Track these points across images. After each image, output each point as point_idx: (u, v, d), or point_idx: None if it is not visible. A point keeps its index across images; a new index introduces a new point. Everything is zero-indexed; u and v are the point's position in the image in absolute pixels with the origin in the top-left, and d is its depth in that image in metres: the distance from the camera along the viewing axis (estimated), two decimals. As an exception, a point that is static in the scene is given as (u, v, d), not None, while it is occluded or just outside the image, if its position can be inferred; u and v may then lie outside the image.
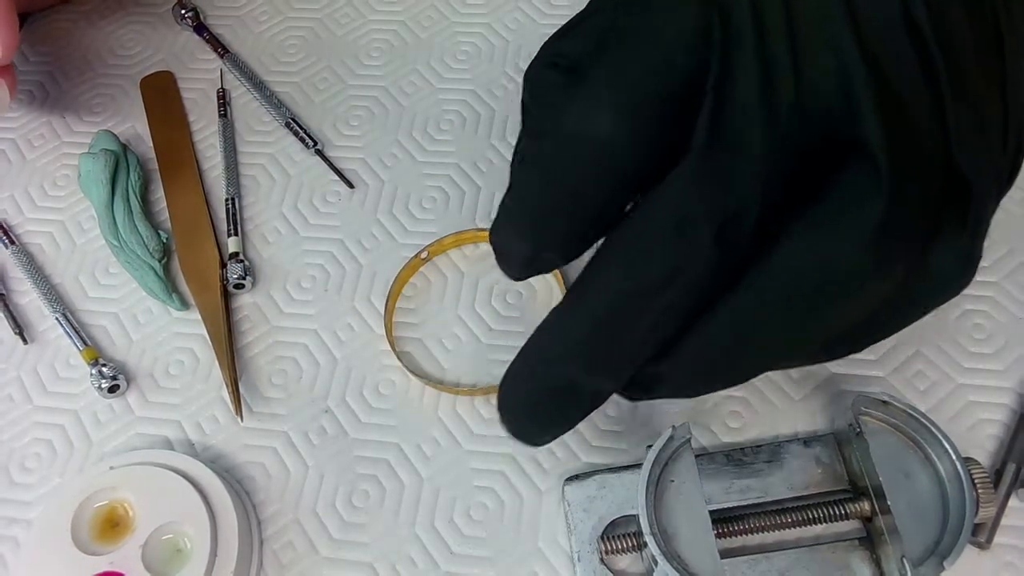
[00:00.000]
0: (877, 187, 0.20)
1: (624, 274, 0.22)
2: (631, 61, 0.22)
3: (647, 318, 0.22)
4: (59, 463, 0.33)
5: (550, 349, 0.24)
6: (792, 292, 0.21)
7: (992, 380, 0.31)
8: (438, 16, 0.43)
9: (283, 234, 0.38)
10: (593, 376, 0.24)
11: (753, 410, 0.31)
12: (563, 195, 0.23)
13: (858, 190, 0.21)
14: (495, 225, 0.25)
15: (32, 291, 0.37)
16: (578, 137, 0.22)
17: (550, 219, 0.23)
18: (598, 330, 0.23)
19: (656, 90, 0.22)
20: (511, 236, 0.25)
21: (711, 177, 0.21)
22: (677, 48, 0.21)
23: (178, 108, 0.42)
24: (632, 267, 0.22)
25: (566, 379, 0.24)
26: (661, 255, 0.21)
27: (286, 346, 0.35)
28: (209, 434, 0.33)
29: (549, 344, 0.24)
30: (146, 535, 0.29)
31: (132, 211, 0.37)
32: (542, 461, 0.31)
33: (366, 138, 0.40)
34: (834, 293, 0.21)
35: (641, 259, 0.22)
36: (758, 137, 0.21)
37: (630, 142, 0.22)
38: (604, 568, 0.29)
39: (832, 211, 0.21)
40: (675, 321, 0.22)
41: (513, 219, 0.25)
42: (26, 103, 0.43)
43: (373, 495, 0.31)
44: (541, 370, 0.24)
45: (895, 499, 0.26)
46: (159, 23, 0.45)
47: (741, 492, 0.29)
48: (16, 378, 0.35)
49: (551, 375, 0.24)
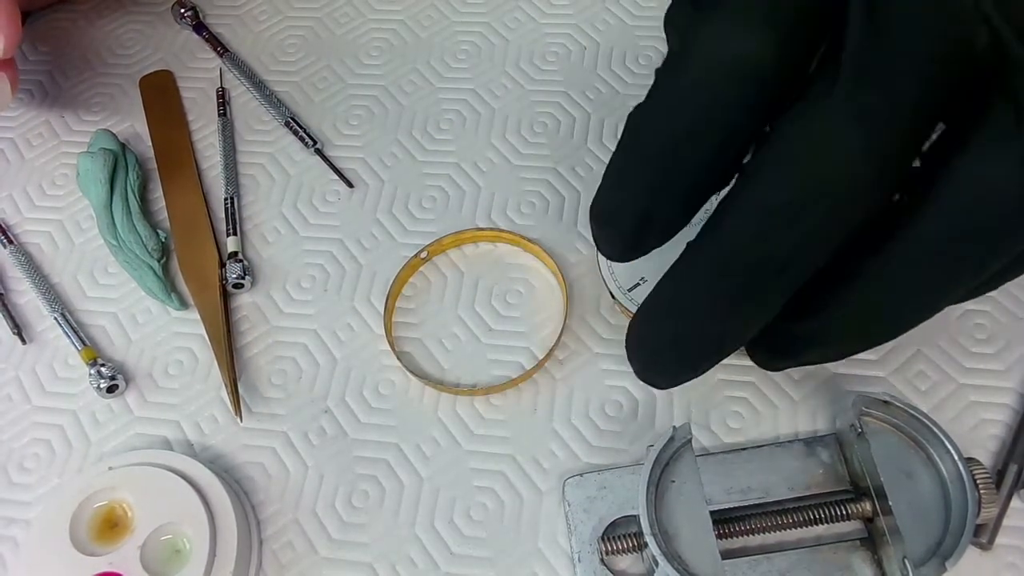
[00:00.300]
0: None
1: (769, 193, 0.21)
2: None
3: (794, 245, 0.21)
4: (58, 463, 0.33)
5: (685, 288, 0.23)
6: (968, 226, 0.20)
7: (994, 380, 0.31)
8: (438, 15, 0.43)
9: (282, 234, 0.38)
10: (730, 318, 0.22)
11: (754, 410, 0.31)
12: (696, 126, 0.21)
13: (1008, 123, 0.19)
14: (602, 190, 0.24)
15: (31, 291, 0.37)
16: (717, 55, 0.20)
17: (678, 158, 0.22)
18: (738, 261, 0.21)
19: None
20: (624, 193, 0.23)
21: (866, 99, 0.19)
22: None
23: (177, 107, 0.42)
24: (777, 187, 0.20)
25: (697, 322, 0.23)
26: (812, 176, 0.20)
27: (285, 346, 0.35)
28: (208, 434, 0.33)
29: (685, 282, 0.23)
30: (145, 535, 0.29)
31: (131, 211, 0.37)
32: (542, 461, 0.31)
33: (366, 138, 0.40)
34: (1010, 222, 0.20)
35: (788, 179, 0.20)
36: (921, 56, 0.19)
37: (778, 59, 0.20)
38: (604, 568, 0.28)
39: (994, 142, 0.19)
40: (824, 256, 0.21)
41: (630, 169, 0.23)
42: (25, 102, 0.43)
43: (373, 495, 0.31)
44: (673, 312, 0.23)
45: (896, 499, 0.26)
46: (158, 22, 0.45)
47: (742, 493, 0.29)
48: (15, 378, 0.35)
49: (682, 319, 0.23)
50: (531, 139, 0.39)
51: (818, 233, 0.21)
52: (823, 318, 0.23)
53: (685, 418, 0.31)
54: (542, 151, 0.38)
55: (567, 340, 0.33)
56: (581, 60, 0.41)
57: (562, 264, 0.35)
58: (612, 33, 0.41)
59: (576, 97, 0.40)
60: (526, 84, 0.40)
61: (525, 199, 0.37)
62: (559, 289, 0.34)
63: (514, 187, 0.37)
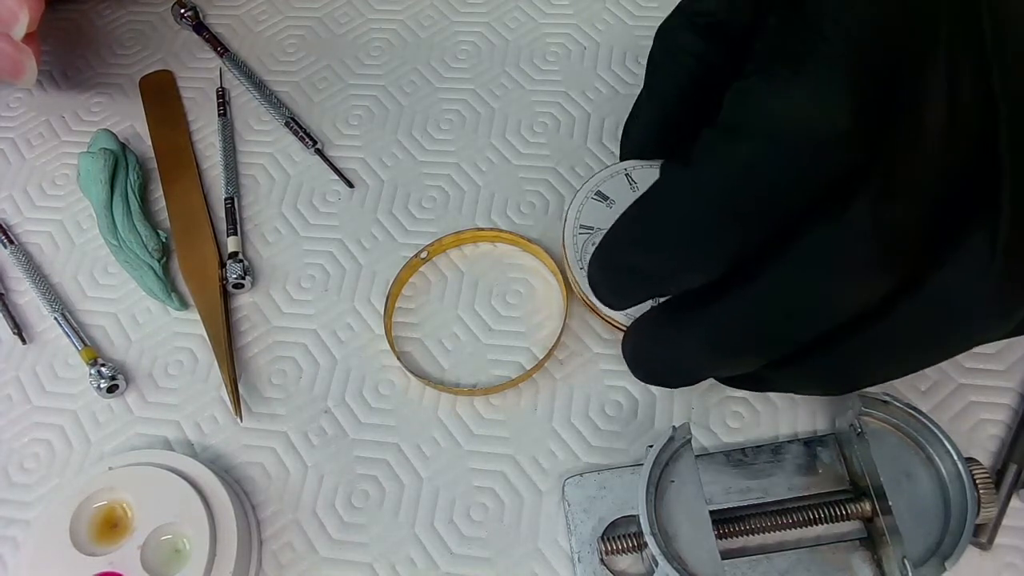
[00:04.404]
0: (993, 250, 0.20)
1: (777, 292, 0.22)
2: (863, 28, 0.19)
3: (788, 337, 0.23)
4: (58, 463, 0.33)
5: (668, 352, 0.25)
6: (932, 332, 0.22)
7: (993, 380, 0.31)
8: (438, 15, 0.43)
9: (283, 234, 0.38)
10: (710, 371, 0.26)
11: (754, 410, 0.31)
12: (749, 200, 0.20)
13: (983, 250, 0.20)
14: (614, 238, 0.24)
15: (31, 291, 0.37)
16: (798, 130, 0.19)
17: (721, 230, 0.21)
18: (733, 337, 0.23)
19: (887, 71, 0.19)
20: (648, 249, 0.23)
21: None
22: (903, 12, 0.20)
23: (177, 107, 0.42)
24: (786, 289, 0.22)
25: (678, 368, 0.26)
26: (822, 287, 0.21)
27: (285, 346, 0.35)
28: (208, 434, 0.33)
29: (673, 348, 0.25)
30: (145, 536, 0.29)
31: (131, 211, 0.37)
32: (542, 461, 0.31)
33: (366, 137, 0.40)
34: (969, 335, 0.22)
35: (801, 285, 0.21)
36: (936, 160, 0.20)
37: (855, 139, 0.19)
38: (604, 569, 0.28)
39: (966, 269, 0.21)
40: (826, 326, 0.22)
41: (662, 230, 0.22)
42: (25, 102, 0.43)
43: (373, 495, 0.31)
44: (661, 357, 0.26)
45: (896, 499, 0.26)
46: (158, 22, 0.45)
47: (742, 493, 0.29)
48: (15, 378, 0.35)
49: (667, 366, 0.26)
50: (531, 139, 0.39)
51: (819, 324, 0.22)
52: (790, 372, 0.24)
53: (685, 418, 0.31)
54: (542, 151, 0.38)
55: (567, 340, 0.33)
56: (581, 60, 0.41)
57: (562, 264, 0.35)
58: (612, 33, 0.41)
59: (576, 97, 0.40)
60: (526, 84, 0.40)
61: (525, 199, 0.37)
62: (559, 289, 0.34)
63: (514, 187, 0.37)
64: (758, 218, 0.21)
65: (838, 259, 0.21)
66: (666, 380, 0.27)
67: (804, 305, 0.21)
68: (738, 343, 0.23)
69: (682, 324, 0.24)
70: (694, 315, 0.23)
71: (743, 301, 0.22)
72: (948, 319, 0.21)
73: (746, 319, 0.22)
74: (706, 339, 0.23)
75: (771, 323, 0.22)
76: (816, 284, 0.21)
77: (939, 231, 0.21)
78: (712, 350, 0.24)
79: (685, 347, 0.24)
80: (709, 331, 0.23)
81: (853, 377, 0.25)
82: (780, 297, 0.22)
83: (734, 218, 0.21)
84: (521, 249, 0.36)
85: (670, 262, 0.22)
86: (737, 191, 0.21)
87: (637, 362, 0.26)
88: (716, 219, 0.21)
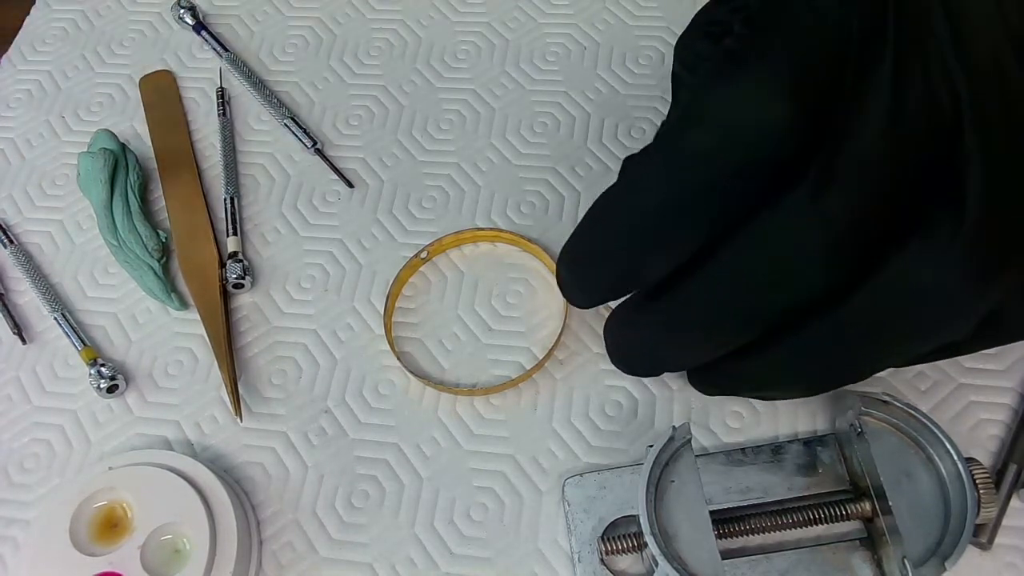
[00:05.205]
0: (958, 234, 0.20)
1: (736, 272, 0.22)
2: (803, 33, 0.21)
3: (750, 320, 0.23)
4: (58, 463, 0.33)
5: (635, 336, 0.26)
6: (893, 318, 0.22)
7: (993, 380, 0.31)
8: (438, 15, 0.43)
9: (283, 234, 0.38)
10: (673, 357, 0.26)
11: (753, 410, 0.31)
12: (700, 188, 0.22)
13: (946, 231, 0.21)
14: (583, 236, 0.25)
15: (31, 291, 0.37)
16: (740, 120, 0.21)
17: (677, 217, 0.22)
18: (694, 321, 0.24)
19: (825, 69, 0.21)
20: (609, 243, 0.24)
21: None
22: (849, 21, 0.20)
23: (177, 107, 0.42)
24: (745, 270, 0.22)
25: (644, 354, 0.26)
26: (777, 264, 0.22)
27: (285, 346, 0.35)
28: (208, 434, 0.33)
29: (634, 331, 0.26)
30: (145, 536, 0.29)
31: (131, 210, 0.37)
32: (542, 461, 0.31)
33: (366, 137, 0.40)
34: (933, 321, 0.22)
35: (757, 264, 0.22)
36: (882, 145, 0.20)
37: (794, 129, 0.21)
38: (604, 569, 0.28)
39: (927, 252, 0.21)
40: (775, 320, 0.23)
41: (622, 222, 0.23)
42: (25, 102, 0.43)
43: (373, 495, 0.31)
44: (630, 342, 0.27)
45: (896, 499, 0.26)
46: (158, 22, 0.45)
47: (742, 493, 0.29)
48: (15, 378, 0.35)
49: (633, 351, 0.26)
50: (531, 139, 0.39)
51: (765, 306, 0.23)
52: (757, 361, 0.25)
53: (685, 418, 0.31)
54: (542, 151, 0.38)
55: (567, 340, 0.33)
56: (581, 60, 0.41)
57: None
58: (612, 33, 0.41)
59: (576, 97, 0.40)
60: (526, 84, 0.40)
61: (525, 199, 0.37)
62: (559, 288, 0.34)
63: (514, 187, 0.37)
64: (707, 204, 0.22)
65: (778, 243, 0.21)
66: (635, 367, 0.28)
67: (750, 286, 0.22)
68: (689, 322, 0.24)
69: (643, 308, 0.25)
70: (654, 300, 0.24)
71: (695, 281, 0.23)
72: (910, 302, 0.22)
73: (697, 299, 0.23)
74: (664, 320, 0.24)
75: (719, 303, 0.23)
76: (760, 267, 0.22)
77: (896, 219, 0.21)
78: (668, 331, 0.25)
79: (646, 330, 0.26)
80: (665, 313, 0.24)
81: (820, 368, 0.25)
82: (727, 278, 0.22)
83: (689, 203, 0.22)
84: (521, 249, 0.36)
85: (630, 250, 0.23)
86: (688, 176, 0.22)
87: (611, 349, 0.28)
88: (673, 204, 0.22)
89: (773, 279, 0.22)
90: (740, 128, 0.21)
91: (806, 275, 0.22)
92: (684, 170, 0.22)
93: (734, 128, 0.21)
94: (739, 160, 0.21)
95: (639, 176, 0.23)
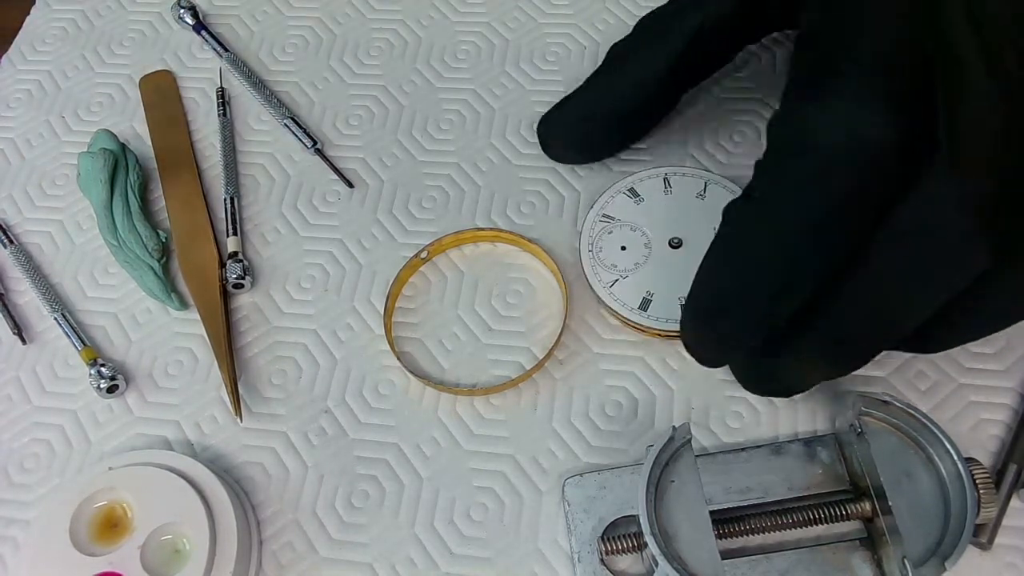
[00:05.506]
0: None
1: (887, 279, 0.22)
2: (881, 41, 0.21)
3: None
4: (58, 464, 0.33)
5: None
6: (906, 261, 0.22)
7: (993, 380, 0.31)
8: (438, 15, 0.43)
9: (283, 234, 0.38)
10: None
11: (754, 410, 0.31)
12: (823, 215, 0.22)
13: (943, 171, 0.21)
14: (704, 288, 0.24)
15: (31, 291, 0.37)
16: (840, 142, 0.21)
17: (813, 240, 0.22)
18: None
19: (911, 74, 0.20)
20: (739, 287, 0.23)
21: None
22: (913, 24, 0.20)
23: (177, 107, 0.42)
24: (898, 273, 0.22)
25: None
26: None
27: (285, 346, 0.35)
28: (208, 434, 0.33)
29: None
30: (145, 536, 0.29)
31: (131, 211, 0.37)
32: (542, 461, 0.31)
33: (366, 137, 0.40)
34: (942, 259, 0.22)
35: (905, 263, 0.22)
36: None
37: (899, 138, 0.21)
38: (604, 569, 0.28)
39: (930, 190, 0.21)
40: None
41: (750, 265, 0.23)
42: (25, 102, 0.43)
43: (372, 495, 0.31)
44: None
45: (896, 499, 0.26)
46: (158, 22, 0.45)
47: (742, 493, 0.29)
48: (15, 378, 0.35)
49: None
50: (531, 139, 0.39)
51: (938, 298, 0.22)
52: (795, 348, 0.25)
53: (685, 418, 0.31)
54: (542, 151, 0.38)
55: (567, 340, 0.33)
56: (581, 60, 0.41)
57: (562, 264, 0.35)
58: (612, 33, 0.41)
59: (576, 97, 0.40)
60: (526, 84, 0.40)
61: (525, 199, 0.37)
62: (559, 289, 0.34)
63: (514, 187, 0.37)
64: (839, 219, 0.22)
65: (930, 237, 0.21)
66: (790, 392, 0.29)
67: (910, 278, 0.22)
68: (853, 333, 0.24)
69: (794, 340, 0.25)
70: (803, 327, 0.24)
71: (845, 295, 0.23)
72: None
73: (857, 309, 0.23)
74: (829, 337, 0.24)
75: (882, 306, 0.23)
76: (917, 256, 0.22)
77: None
78: (837, 345, 0.24)
79: (805, 356, 0.25)
80: (826, 331, 0.24)
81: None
82: (887, 277, 0.22)
83: (814, 231, 0.22)
84: (521, 249, 0.36)
85: (763, 294, 0.23)
86: (809, 205, 0.22)
87: (760, 389, 0.29)
88: (797, 237, 0.22)
89: (931, 267, 0.22)
90: (850, 149, 0.21)
91: (963, 253, 0.21)
92: (802, 195, 0.22)
93: (842, 149, 0.21)
94: (857, 172, 0.21)
95: (753, 214, 0.23)
